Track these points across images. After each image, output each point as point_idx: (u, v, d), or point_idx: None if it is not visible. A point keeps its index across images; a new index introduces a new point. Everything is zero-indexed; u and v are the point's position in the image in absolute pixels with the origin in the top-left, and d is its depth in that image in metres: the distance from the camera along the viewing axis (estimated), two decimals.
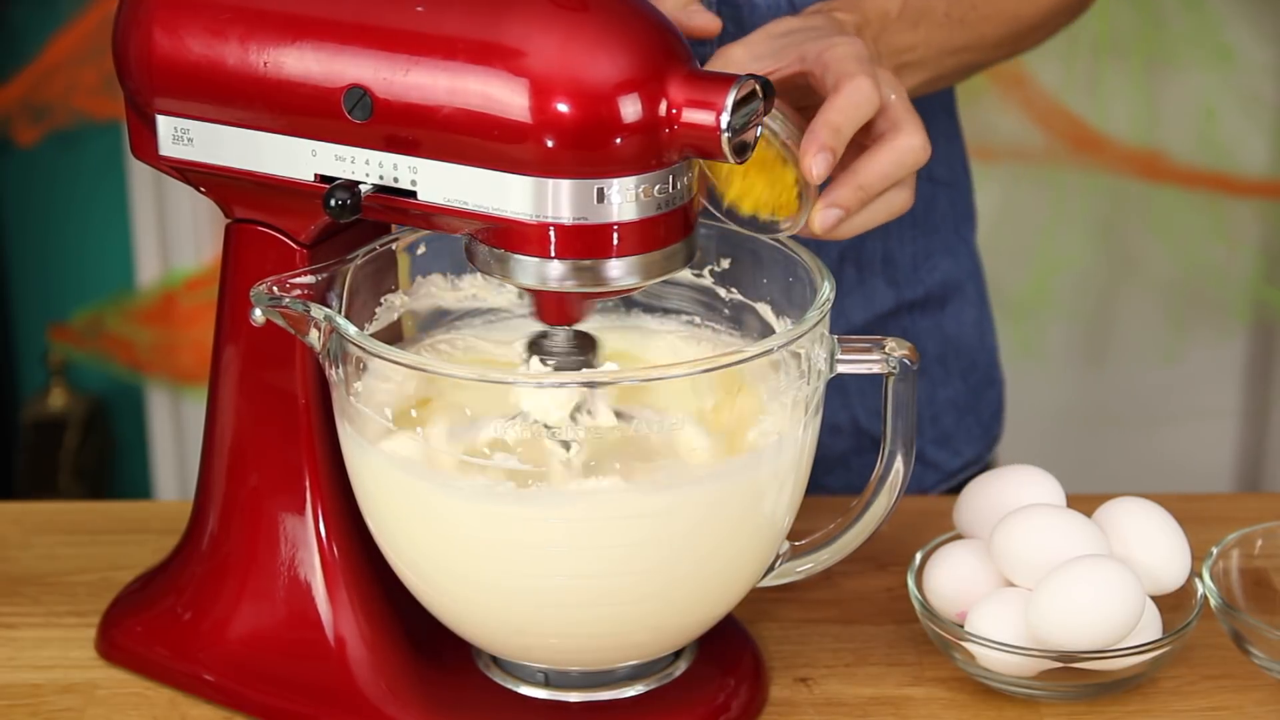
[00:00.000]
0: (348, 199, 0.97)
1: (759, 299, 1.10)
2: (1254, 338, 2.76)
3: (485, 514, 0.98)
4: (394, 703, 1.06)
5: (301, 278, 1.01)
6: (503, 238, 0.97)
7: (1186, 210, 2.68)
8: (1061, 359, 2.76)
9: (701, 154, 0.96)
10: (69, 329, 2.67)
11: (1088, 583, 1.05)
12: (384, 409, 1.01)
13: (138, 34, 1.02)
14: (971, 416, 1.46)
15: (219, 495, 1.11)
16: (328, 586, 1.08)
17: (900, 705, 1.09)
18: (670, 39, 0.96)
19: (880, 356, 1.03)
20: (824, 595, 1.19)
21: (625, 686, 1.07)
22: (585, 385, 0.99)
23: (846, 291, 1.37)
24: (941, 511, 1.28)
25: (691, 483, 0.98)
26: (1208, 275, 2.70)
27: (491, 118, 0.94)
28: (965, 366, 1.45)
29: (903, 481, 1.06)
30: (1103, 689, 1.08)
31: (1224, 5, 2.61)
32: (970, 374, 1.45)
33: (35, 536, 1.27)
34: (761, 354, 0.98)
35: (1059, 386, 2.75)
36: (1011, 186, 2.67)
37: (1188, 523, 1.13)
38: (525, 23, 0.93)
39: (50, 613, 1.18)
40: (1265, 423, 2.77)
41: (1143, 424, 2.81)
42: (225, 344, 1.09)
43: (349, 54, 0.96)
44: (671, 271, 0.99)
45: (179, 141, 1.03)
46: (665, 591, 1.01)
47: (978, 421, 1.47)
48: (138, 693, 1.11)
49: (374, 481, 1.02)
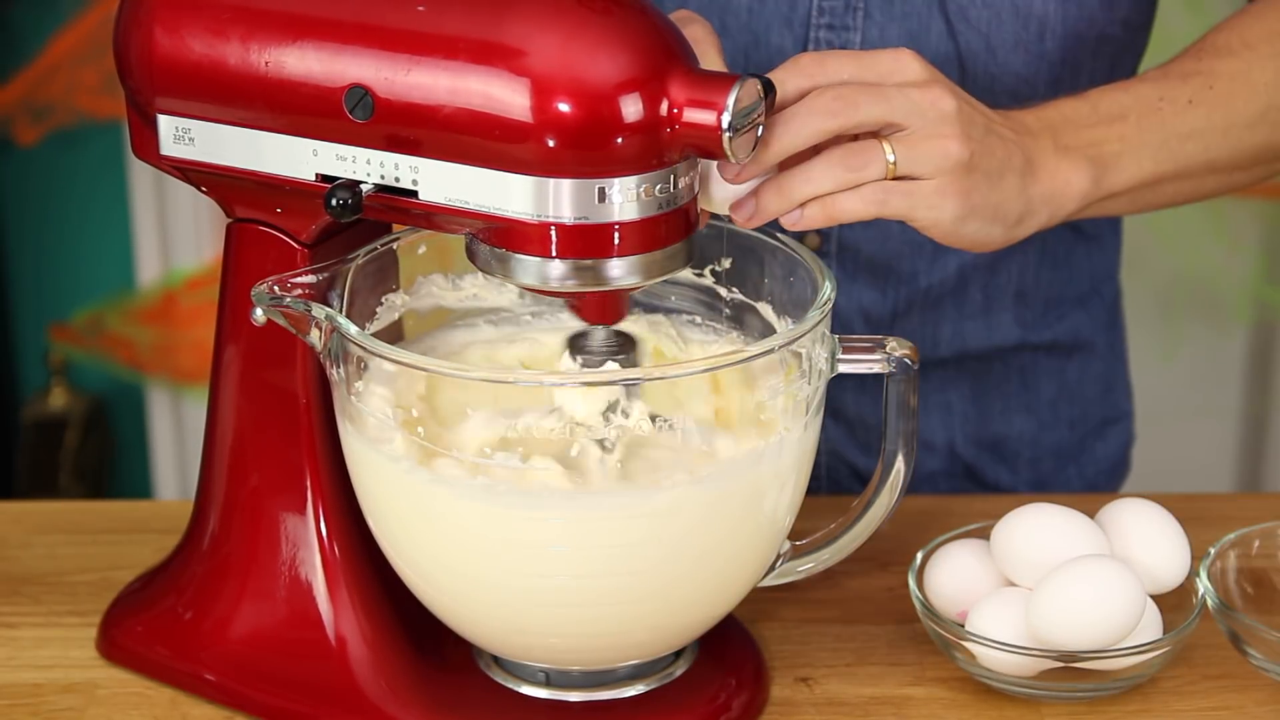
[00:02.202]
0: (349, 199, 0.97)
1: (760, 299, 1.10)
2: (1254, 338, 2.76)
3: (485, 514, 0.98)
4: (395, 702, 1.06)
5: (302, 277, 1.01)
6: (504, 237, 0.97)
7: (1186, 210, 2.67)
8: None
9: (703, 153, 0.96)
10: (69, 329, 2.67)
11: (1088, 583, 1.05)
12: (385, 408, 1.01)
13: (138, 34, 1.02)
14: (1074, 467, 1.44)
15: (220, 495, 1.11)
16: (328, 586, 1.08)
17: (901, 705, 1.09)
18: (671, 38, 0.96)
19: (881, 356, 1.04)
20: (825, 595, 1.19)
21: (626, 686, 1.07)
22: (585, 385, 0.99)
23: (969, 315, 1.36)
24: (942, 511, 1.28)
25: (692, 483, 0.98)
26: (1208, 275, 2.70)
27: (493, 117, 0.94)
28: (1077, 416, 1.43)
29: (903, 481, 1.06)
30: (1103, 689, 1.08)
31: (1224, 5, 2.60)
32: (1079, 424, 1.44)
33: (35, 536, 1.27)
34: (762, 354, 0.98)
35: None
36: None
37: (1188, 523, 1.13)
38: (526, 22, 0.93)
39: (51, 612, 1.18)
40: (1265, 423, 2.77)
41: (1142, 424, 2.80)
42: (226, 344, 1.09)
43: (350, 53, 0.96)
44: (672, 271, 0.99)
45: (180, 141, 1.03)
46: (666, 591, 1.01)
47: (1079, 474, 1.45)
48: (138, 692, 1.11)
49: (374, 481, 1.02)
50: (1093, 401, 1.44)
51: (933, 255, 1.32)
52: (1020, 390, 1.40)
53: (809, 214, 1.02)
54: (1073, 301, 1.40)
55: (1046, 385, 1.41)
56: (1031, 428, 1.41)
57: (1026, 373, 1.39)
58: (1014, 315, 1.37)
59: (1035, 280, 1.37)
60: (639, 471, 0.98)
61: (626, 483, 0.97)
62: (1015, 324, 1.37)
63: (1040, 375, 1.40)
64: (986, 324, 1.36)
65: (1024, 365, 1.39)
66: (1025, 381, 1.40)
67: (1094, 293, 1.41)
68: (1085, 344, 1.41)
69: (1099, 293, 1.42)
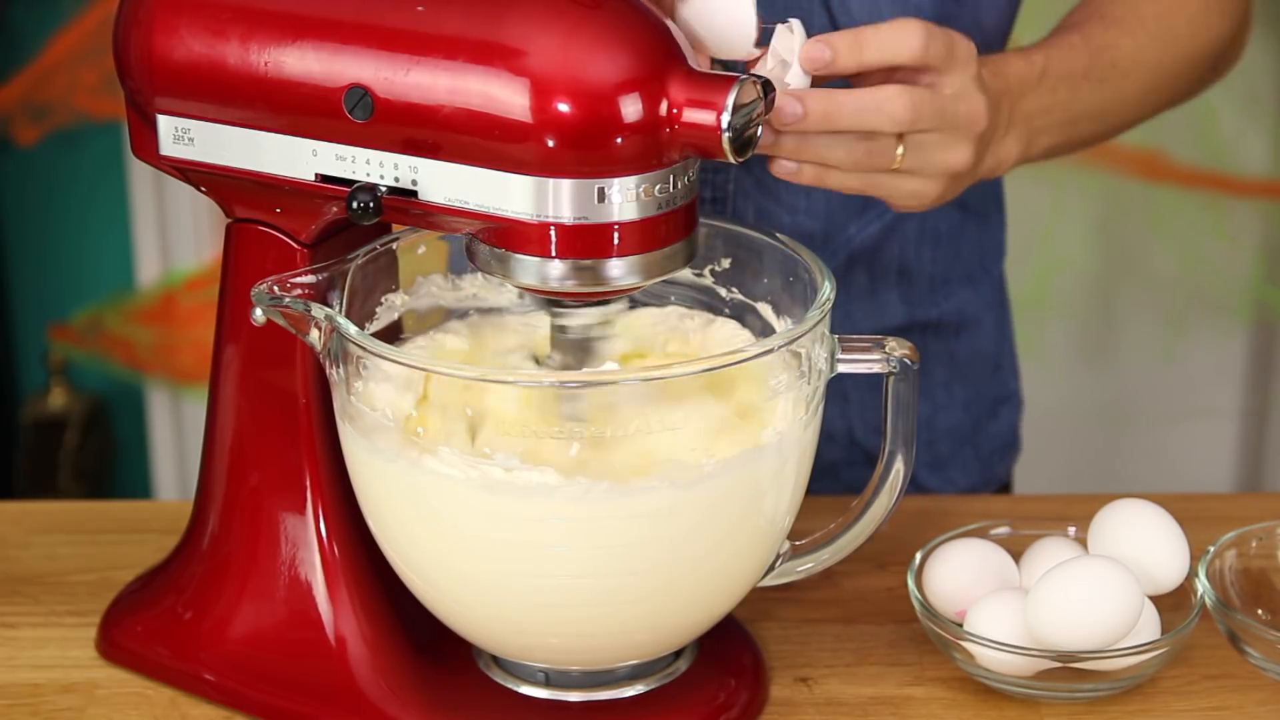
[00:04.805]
0: (370, 202, 0.97)
1: (759, 298, 1.10)
2: (1254, 338, 2.76)
3: (485, 514, 0.98)
4: (394, 702, 1.06)
5: (302, 277, 1.01)
6: (503, 237, 0.97)
7: (1187, 210, 2.68)
8: (1062, 359, 2.76)
9: (702, 153, 0.96)
10: (69, 329, 2.67)
11: (1085, 583, 1.05)
12: (384, 408, 1.01)
13: (138, 34, 1.02)
14: (970, 448, 1.45)
15: (219, 495, 1.11)
16: (328, 586, 1.08)
17: (900, 705, 1.09)
18: (670, 38, 0.96)
19: (881, 356, 1.04)
20: (824, 595, 1.19)
21: (625, 686, 1.07)
22: (585, 385, 0.99)
23: (855, 297, 1.36)
24: (941, 511, 1.28)
25: (691, 482, 0.98)
26: (1208, 275, 2.70)
27: (492, 117, 0.94)
28: (970, 396, 1.44)
29: (903, 481, 1.06)
30: (1102, 689, 1.08)
31: None
32: (973, 404, 1.44)
33: (35, 536, 1.27)
34: (762, 354, 0.98)
35: (1059, 386, 2.75)
36: (1012, 186, 2.66)
37: (1187, 523, 1.13)
38: (526, 22, 0.93)
39: (50, 612, 1.18)
40: (1265, 423, 2.77)
41: (1143, 424, 2.81)
42: (226, 344, 1.09)
43: (350, 54, 0.96)
44: (672, 271, 0.99)
45: (180, 141, 1.03)
46: (665, 591, 1.01)
47: (976, 454, 1.45)
48: (138, 692, 1.11)
49: (374, 481, 1.02)
50: (984, 382, 1.44)
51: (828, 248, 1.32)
52: None
53: (805, 172, 1.07)
54: (962, 280, 1.40)
55: (938, 368, 1.41)
56: (926, 410, 1.41)
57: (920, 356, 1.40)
58: (899, 293, 1.38)
59: (918, 257, 1.38)
60: (639, 472, 0.98)
61: (626, 483, 0.97)
62: (901, 302, 1.38)
63: (929, 358, 1.41)
64: (875, 306, 1.37)
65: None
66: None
67: (982, 270, 1.42)
68: (973, 320, 1.42)
69: (985, 268, 1.43)
